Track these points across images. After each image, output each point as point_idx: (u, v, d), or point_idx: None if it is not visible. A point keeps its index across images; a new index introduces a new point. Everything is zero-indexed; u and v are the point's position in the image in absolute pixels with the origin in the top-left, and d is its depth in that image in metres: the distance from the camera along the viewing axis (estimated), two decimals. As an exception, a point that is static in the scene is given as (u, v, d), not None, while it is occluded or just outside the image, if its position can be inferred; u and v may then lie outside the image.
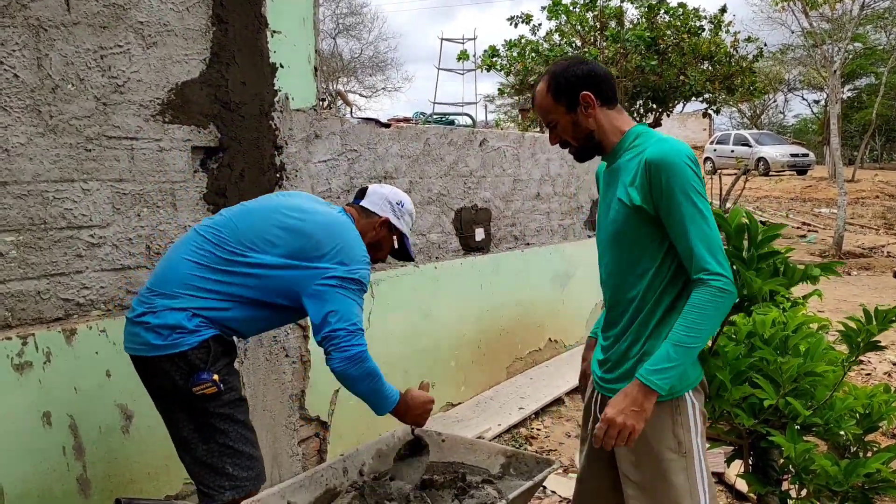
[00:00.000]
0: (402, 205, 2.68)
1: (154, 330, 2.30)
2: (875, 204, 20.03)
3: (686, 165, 1.92)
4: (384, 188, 2.70)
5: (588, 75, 2.07)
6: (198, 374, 2.30)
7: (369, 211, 2.63)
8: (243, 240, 2.39)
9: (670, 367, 1.90)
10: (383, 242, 2.67)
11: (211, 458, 2.35)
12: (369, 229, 2.59)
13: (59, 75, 2.68)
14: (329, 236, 2.39)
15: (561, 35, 14.36)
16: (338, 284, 2.33)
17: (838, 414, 2.35)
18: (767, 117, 43.51)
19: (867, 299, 9.05)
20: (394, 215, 2.64)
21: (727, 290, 1.89)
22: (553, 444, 4.50)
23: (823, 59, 15.08)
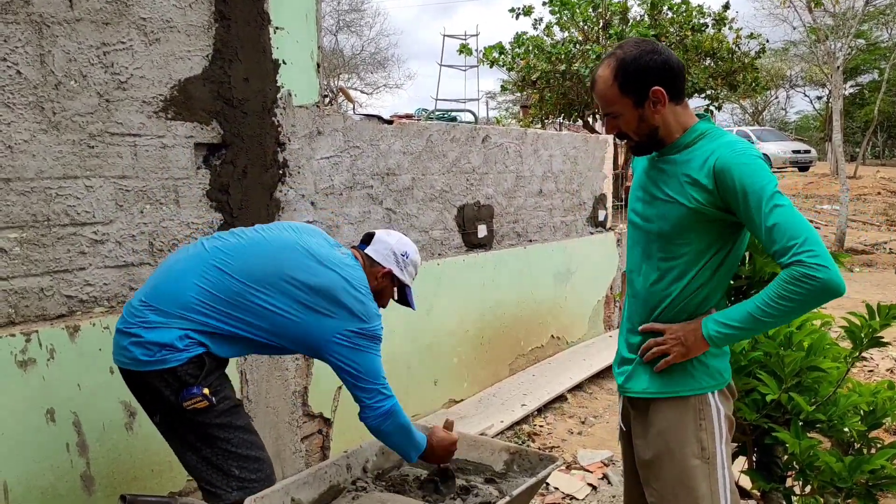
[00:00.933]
0: (407, 255, 2.66)
1: (143, 345, 2.24)
2: (877, 200, 19.99)
3: (762, 164, 1.86)
4: (391, 237, 2.67)
5: (662, 68, 1.92)
6: (187, 390, 2.25)
7: (373, 259, 2.61)
8: (252, 278, 2.33)
9: (732, 327, 1.89)
10: (384, 292, 2.66)
11: (217, 459, 2.32)
12: (372, 279, 2.57)
13: (62, 72, 2.68)
14: (345, 292, 2.39)
15: (562, 28, 14.32)
16: (359, 341, 2.39)
17: (842, 410, 2.35)
18: (769, 114, 43.45)
19: (869, 296, 9.04)
20: (397, 267, 2.63)
21: (818, 278, 1.76)
22: (556, 441, 4.50)
23: (826, 56, 15.04)
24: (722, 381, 2.04)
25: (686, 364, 2.00)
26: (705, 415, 2.00)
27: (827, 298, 1.79)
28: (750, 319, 1.87)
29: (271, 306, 2.32)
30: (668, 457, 2.02)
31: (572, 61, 13.52)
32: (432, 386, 4.70)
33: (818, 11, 14.54)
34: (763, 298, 1.84)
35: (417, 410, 4.56)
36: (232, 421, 2.35)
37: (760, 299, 1.85)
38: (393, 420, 2.44)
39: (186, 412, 2.27)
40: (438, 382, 4.75)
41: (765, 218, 1.81)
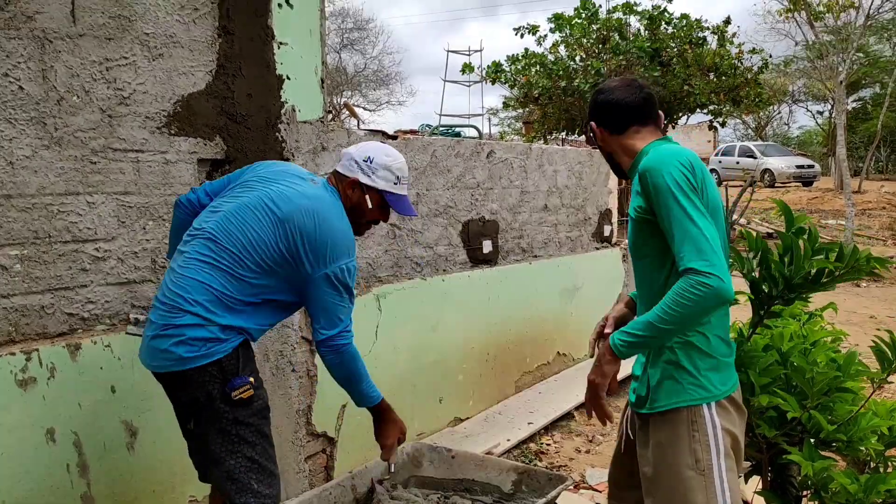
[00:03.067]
0: (371, 160, 2.47)
1: (187, 342, 2.24)
2: (882, 215, 19.93)
3: (674, 168, 1.94)
4: (355, 147, 2.53)
5: (594, 106, 2.23)
6: (234, 380, 2.28)
7: (340, 174, 2.51)
8: (241, 245, 2.31)
9: (634, 335, 1.96)
10: (360, 207, 2.51)
11: (238, 472, 2.31)
12: (344, 198, 2.48)
13: (65, 87, 2.66)
14: (319, 233, 2.31)
15: (566, 47, 14.37)
16: (326, 285, 2.33)
17: (863, 431, 2.30)
18: (772, 129, 43.51)
19: (877, 311, 8.98)
20: (363, 174, 2.47)
21: (708, 285, 1.82)
22: (563, 460, 4.43)
23: (828, 71, 15.05)
24: (717, 392, 2.03)
25: (677, 376, 2.03)
26: (698, 427, 2.00)
27: (718, 305, 1.88)
28: (650, 327, 1.92)
29: (264, 265, 2.32)
30: (665, 469, 2.02)
31: (572, 77, 13.55)
32: (437, 404, 4.64)
33: (819, 26, 14.57)
34: (661, 306, 1.90)
35: (423, 429, 4.50)
36: (262, 427, 2.38)
37: (660, 307, 1.90)
38: (343, 357, 2.42)
39: (230, 406, 2.28)
40: (444, 400, 4.69)
41: (666, 220, 1.94)
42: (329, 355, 2.38)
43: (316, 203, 2.36)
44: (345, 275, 2.34)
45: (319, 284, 2.32)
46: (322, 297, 2.33)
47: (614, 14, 14.08)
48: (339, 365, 2.41)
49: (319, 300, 2.34)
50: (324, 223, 2.33)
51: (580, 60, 14.11)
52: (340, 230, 2.36)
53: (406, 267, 4.38)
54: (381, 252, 4.16)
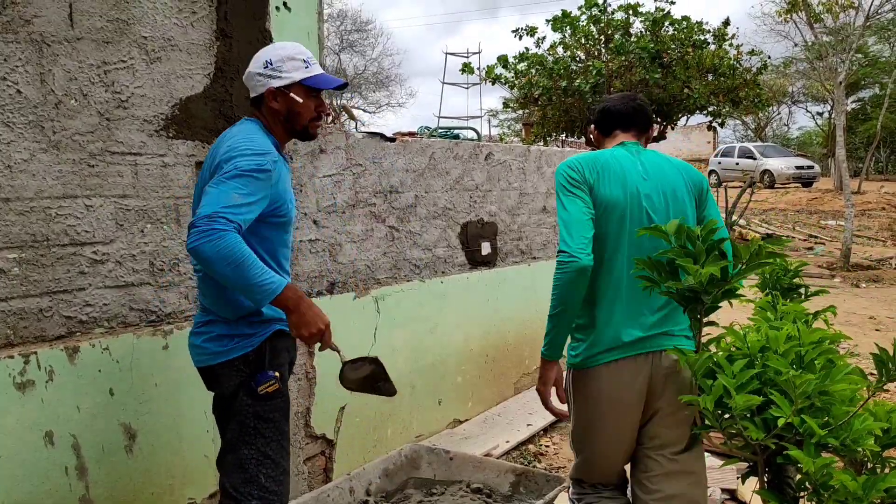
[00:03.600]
0: (271, 62, 2.35)
1: (214, 339, 2.34)
2: (882, 215, 19.95)
3: (563, 169, 2.42)
4: (249, 66, 2.40)
5: (597, 113, 2.67)
6: (260, 375, 2.33)
7: (256, 98, 2.40)
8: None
9: (546, 334, 2.41)
10: (291, 110, 2.39)
11: (249, 463, 2.35)
12: (270, 113, 2.39)
13: (63, 91, 2.66)
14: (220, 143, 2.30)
15: (565, 48, 14.37)
16: (217, 175, 2.16)
17: (856, 434, 2.30)
18: (772, 129, 43.53)
19: (876, 312, 8.98)
20: (272, 80, 2.35)
21: (564, 262, 2.25)
22: (562, 461, 4.44)
23: (828, 72, 15.06)
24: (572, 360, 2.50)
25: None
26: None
27: (580, 277, 2.26)
28: (549, 319, 2.36)
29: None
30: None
31: (573, 77, 13.55)
32: (436, 405, 4.65)
33: (818, 27, 14.57)
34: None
35: (421, 430, 4.50)
36: (281, 423, 2.41)
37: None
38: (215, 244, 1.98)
39: (254, 400, 2.32)
40: (442, 402, 4.70)
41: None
42: (201, 240, 1.97)
43: (229, 134, 2.34)
44: (243, 173, 2.13)
45: (214, 177, 2.16)
46: (210, 187, 2.12)
47: (618, 14, 14.09)
48: (214, 253, 1.97)
49: (207, 190, 2.12)
50: (224, 136, 2.33)
51: (580, 61, 14.12)
52: (244, 138, 2.25)
53: (405, 269, 4.39)
54: (379, 254, 4.17)
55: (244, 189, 2.11)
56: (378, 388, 2.53)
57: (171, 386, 2.97)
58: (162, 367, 2.94)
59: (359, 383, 2.50)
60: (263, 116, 2.42)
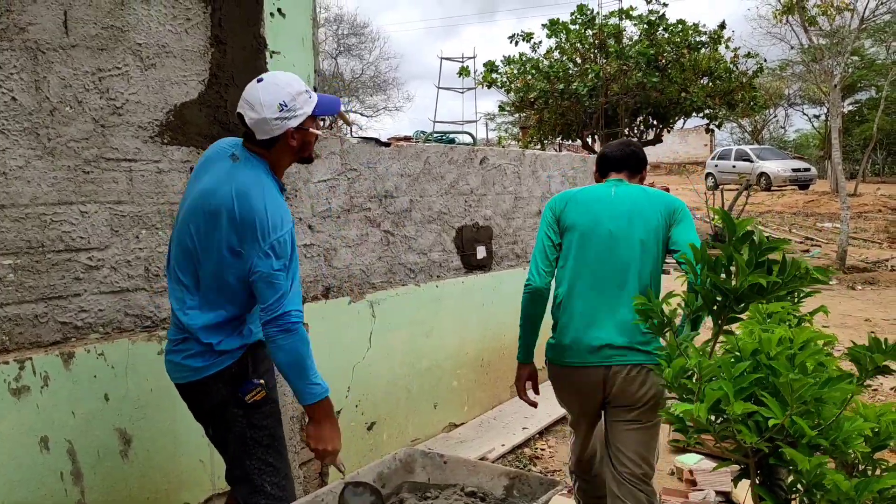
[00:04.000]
0: (286, 104, 2.30)
1: (194, 356, 2.34)
2: (878, 218, 19.98)
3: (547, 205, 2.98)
4: (254, 111, 2.29)
5: (596, 159, 3.13)
6: (245, 384, 2.36)
7: (270, 140, 2.33)
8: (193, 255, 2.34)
9: (518, 341, 3.10)
10: (305, 143, 2.41)
11: (254, 474, 2.40)
12: (285, 150, 2.37)
13: (58, 98, 2.68)
14: (246, 214, 2.24)
15: (561, 52, 14.40)
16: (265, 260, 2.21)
17: (846, 435, 2.31)
18: (768, 132, 43.59)
19: (872, 314, 9.00)
20: (291, 120, 2.32)
21: (525, 285, 2.92)
22: (557, 465, 4.45)
23: (823, 74, 15.11)
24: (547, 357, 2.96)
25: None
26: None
27: (536, 300, 2.92)
28: (519, 329, 3.07)
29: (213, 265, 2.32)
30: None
31: (570, 81, 13.58)
32: (432, 409, 4.66)
33: (814, 30, 14.62)
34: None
35: (417, 434, 4.51)
36: (276, 431, 2.45)
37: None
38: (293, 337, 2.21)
39: (243, 409, 2.36)
40: (438, 405, 4.71)
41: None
42: (279, 336, 2.20)
43: (239, 184, 2.28)
44: (283, 247, 2.23)
45: (259, 256, 2.21)
46: (266, 272, 2.20)
47: (610, 19, 14.12)
48: (289, 347, 2.20)
49: (266, 275, 2.21)
50: (243, 201, 2.25)
51: (577, 65, 14.15)
52: (262, 208, 2.24)
53: (400, 273, 4.40)
54: (374, 259, 4.18)
55: (291, 263, 2.27)
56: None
57: (166, 391, 2.97)
58: (157, 372, 2.94)
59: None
60: (268, 155, 2.36)
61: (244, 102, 2.32)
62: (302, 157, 2.46)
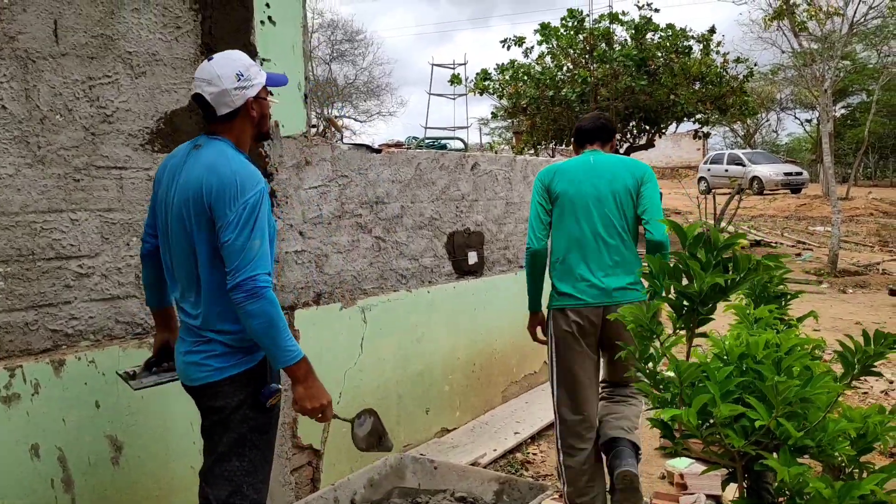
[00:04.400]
0: (242, 74, 2.35)
1: (216, 356, 2.34)
2: (869, 221, 20.09)
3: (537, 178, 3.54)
4: (213, 85, 2.32)
5: (574, 131, 3.70)
6: (266, 388, 2.39)
7: (231, 113, 2.37)
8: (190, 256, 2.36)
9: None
10: (264, 113, 2.47)
11: (237, 474, 2.39)
12: (246, 123, 2.41)
13: (48, 106, 2.69)
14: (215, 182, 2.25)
15: (552, 57, 14.45)
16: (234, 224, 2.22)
17: (831, 436, 2.33)
18: (761, 136, 43.75)
19: (863, 317, 9.05)
20: (249, 90, 2.37)
21: (526, 248, 3.48)
22: (549, 469, 4.46)
23: (814, 79, 15.19)
24: (551, 306, 3.48)
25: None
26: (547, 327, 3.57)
27: (535, 261, 3.50)
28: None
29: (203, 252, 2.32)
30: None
31: (560, 87, 13.62)
32: (424, 414, 4.67)
33: (804, 35, 14.70)
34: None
35: (409, 440, 4.52)
36: (271, 435, 2.48)
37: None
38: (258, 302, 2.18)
39: (256, 412, 2.38)
40: (430, 411, 4.72)
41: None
42: (247, 301, 2.18)
43: (205, 162, 2.31)
44: (252, 211, 2.23)
45: (227, 226, 2.22)
46: (232, 238, 2.21)
47: (601, 23, 14.17)
48: (258, 311, 2.18)
49: (231, 242, 2.21)
50: (197, 164, 2.31)
51: (567, 70, 14.19)
52: (231, 171, 2.27)
53: (391, 279, 4.42)
54: (365, 265, 4.19)
55: (259, 228, 2.24)
56: (381, 442, 2.76)
57: (156, 398, 2.98)
58: (148, 379, 2.95)
59: (367, 441, 2.71)
60: (230, 131, 2.39)
61: (199, 81, 2.35)
62: (261, 131, 2.50)
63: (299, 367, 2.29)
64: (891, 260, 14.53)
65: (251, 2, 3.37)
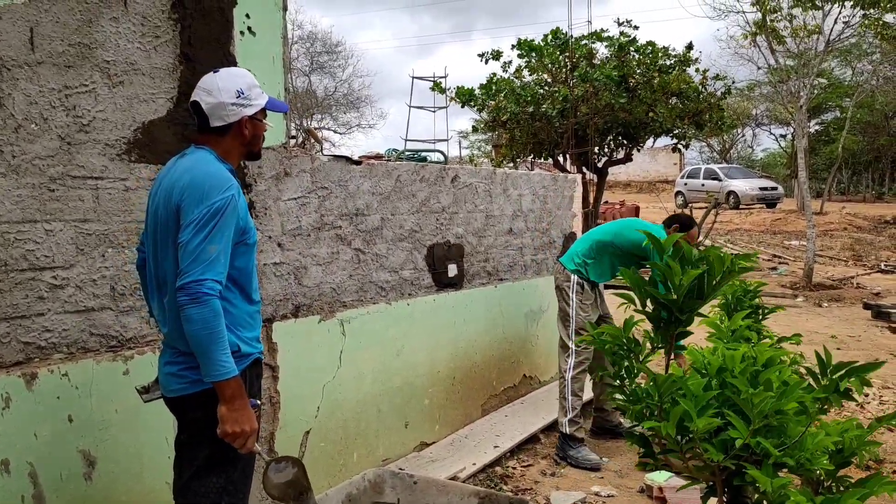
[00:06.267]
0: (242, 91, 2.39)
1: (196, 367, 2.27)
2: (843, 236, 20.35)
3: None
4: (211, 96, 2.36)
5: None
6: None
7: (224, 127, 2.39)
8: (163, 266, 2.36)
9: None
10: (257, 133, 2.49)
11: (214, 492, 2.35)
12: (236, 139, 2.42)
13: (23, 115, 2.65)
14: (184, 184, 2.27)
15: (531, 72, 14.53)
16: (193, 226, 2.21)
17: (809, 453, 2.34)
18: (736, 151, 44.28)
19: (838, 330, 9.14)
20: (245, 108, 2.40)
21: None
22: (529, 483, 4.44)
23: (789, 95, 15.39)
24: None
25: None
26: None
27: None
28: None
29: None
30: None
31: (540, 103, 13.70)
32: (403, 429, 4.64)
33: (780, 52, 14.90)
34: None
35: (388, 454, 4.49)
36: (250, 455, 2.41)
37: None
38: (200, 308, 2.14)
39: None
40: (409, 425, 4.69)
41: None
42: (189, 305, 2.13)
43: (183, 166, 2.34)
44: (214, 215, 2.21)
45: (187, 226, 2.21)
46: (188, 239, 2.19)
47: (583, 41, 14.27)
48: (198, 318, 2.14)
49: (186, 243, 2.19)
50: (175, 169, 2.36)
51: (546, 86, 14.27)
52: (203, 172, 2.27)
53: (371, 291, 4.39)
54: (345, 277, 4.17)
55: (218, 234, 2.21)
56: (300, 499, 2.47)
57: (131, 412, 2.93)
58: (122, 393, 2.90)
59: (281, 489, 2.44)
60: (219, 144, 2.41)
61: (200, 90, 2.39)
62: (252, 150, 2.52)
63: (228, 385, 2.19)
64: (864, 274, 14.71)
65: (231, 12, 3.35)
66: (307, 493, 2.47)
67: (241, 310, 2.41)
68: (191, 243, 2.18)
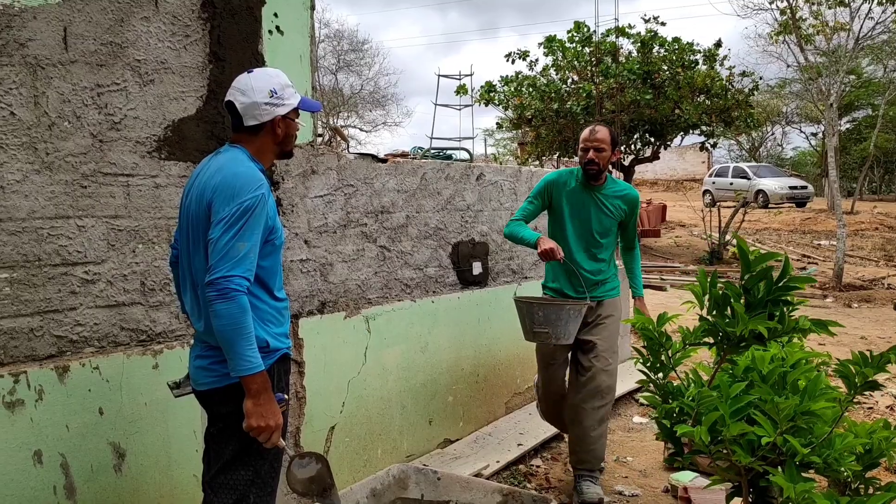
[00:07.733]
0: (275, 91, 2.43)
1: (222, 362, 2.31)
2: (874, 236, 20.04)
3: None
4: (245, 96, 2.40)
5: (615, 137, 4.09)
6: (275, 397, 2.34)
7: (257, 126, 2.43)
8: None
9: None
10: (289, 132, 2.52)
11: (242, 484, 2.39)
12: (269, 138, 2.47)
13: (56, 113, 2.70)
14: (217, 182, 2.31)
15: (557, 70, 14.48)
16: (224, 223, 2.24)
17: (837, 452, 2.32)
18: (766, 150, 43.77)
19: (868, 331, 9.01)
20: (279, 108, 2.44)
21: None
22: (552, 482, 4.44)
23: (819, 93, 15.19)
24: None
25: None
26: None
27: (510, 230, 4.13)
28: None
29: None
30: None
31: (565, 100, 13.65)
32: (427, 425, 4.66)
33: (810, 49, 14.71)
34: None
35: (412, 450, 4.51)
36: (278, 448, 2.43)
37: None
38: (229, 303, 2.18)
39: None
40: (433, 421, 4.71)
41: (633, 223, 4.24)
42: (217, 300, 2.17)
43: (216, 165, 2.38)
44: (244, 214, 2.25)
45: (217, 223, 2.25)
46: (218, 236, 2.23)
47: (608, 37, 14.21)
48: (226, 313, 2.17)
49: (216, 239, 2.23)
50: (208, 167, 2.39)
51: (572, 83, 14.23)
52: (233, 172, 2.31)
53: (396, 288, 4.41)
54: (370, 274, 4.19)
55: (247, 231, 2.25)
56: (324, 495, 2.49)
57: (160, 405, 2.98)
58: (151, 386, 2.95)
59: (305, 485, 2.47)
60: (253, 143, 2.45)
61: (234, 90, 2.43)
62: (284, 150, 2.56)
63: (254, 380, 2.23)
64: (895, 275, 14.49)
65: (260, 11, 3.39)
66: (331, 489, 2.49)
67: (269, 305, 2.44)
68: (220, 240, 2.22)
